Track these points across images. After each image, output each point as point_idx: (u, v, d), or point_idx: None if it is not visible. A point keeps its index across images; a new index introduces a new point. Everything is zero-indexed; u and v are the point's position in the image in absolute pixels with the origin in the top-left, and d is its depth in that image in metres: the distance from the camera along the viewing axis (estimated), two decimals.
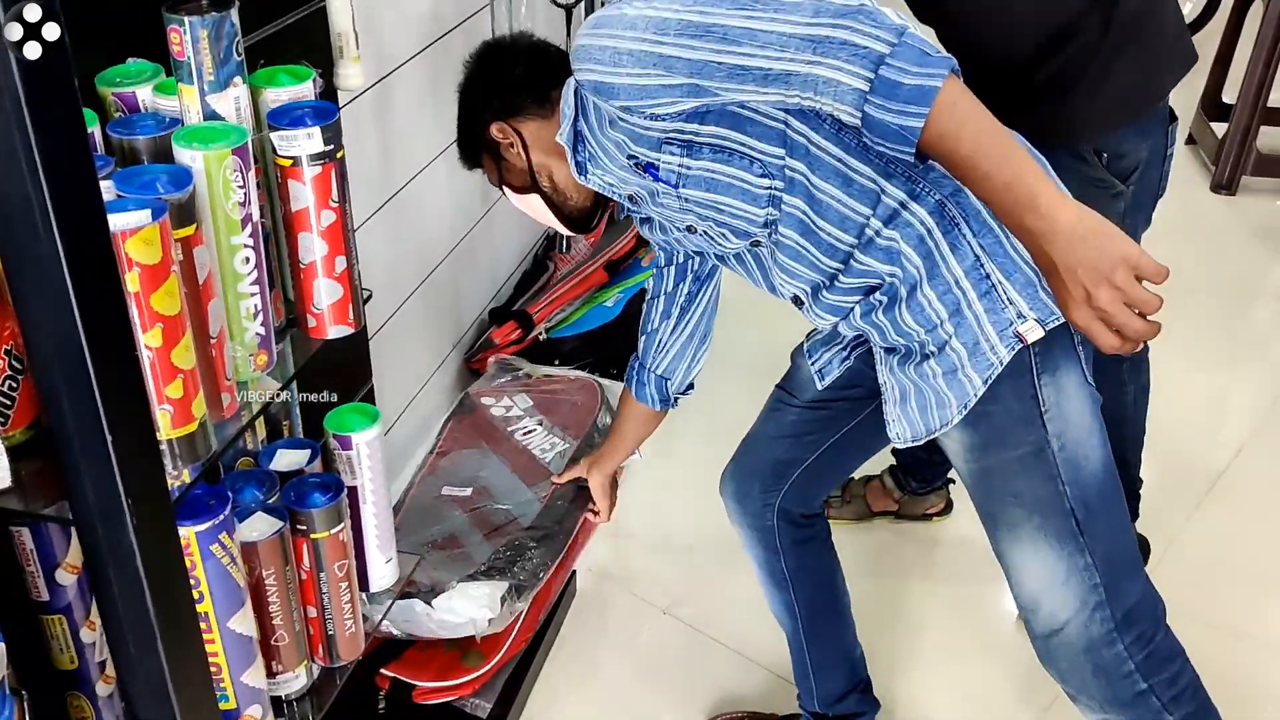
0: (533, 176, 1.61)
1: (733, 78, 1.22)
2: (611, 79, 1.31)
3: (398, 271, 2.36)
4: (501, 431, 2.20)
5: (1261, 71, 3.89)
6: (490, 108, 1.60)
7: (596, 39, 1.31)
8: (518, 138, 1.59)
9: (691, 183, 1.40)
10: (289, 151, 1.18)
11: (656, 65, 1.26)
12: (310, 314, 1.28)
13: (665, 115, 1.33)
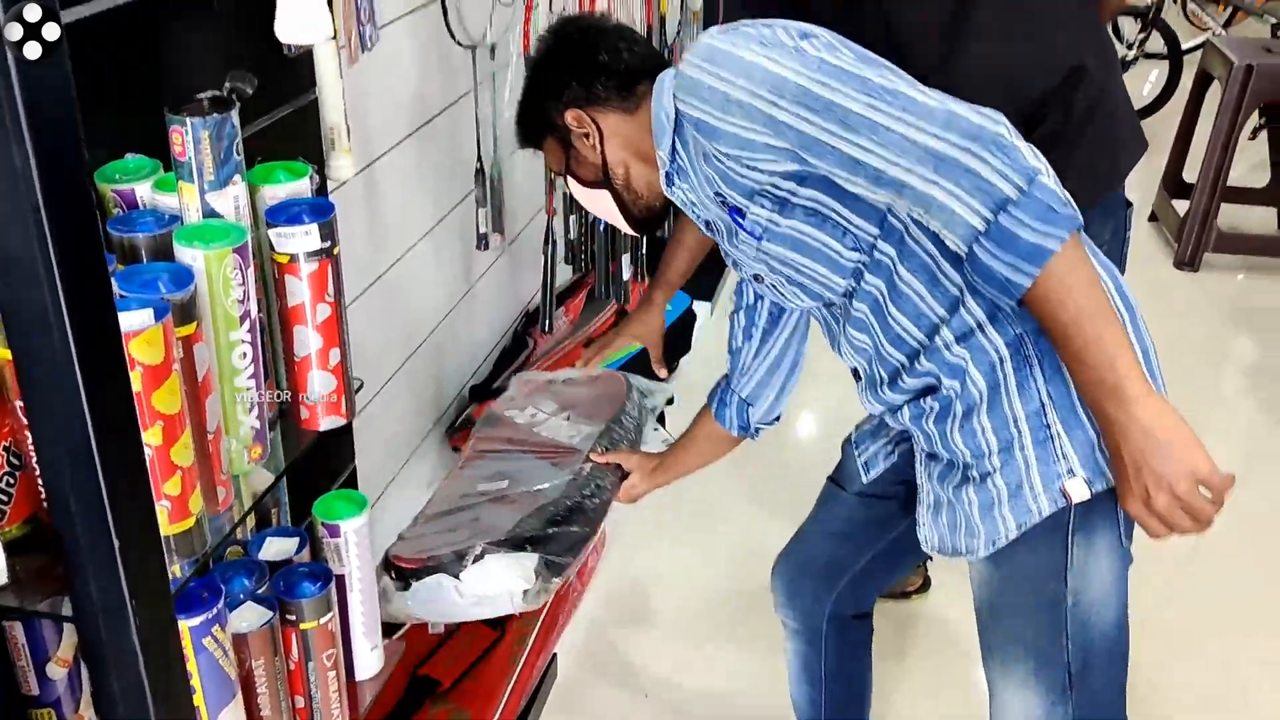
0: (606, 172, 1.52)
1: (844, 166, 1.19)
2: (716, 123, 1.26)
3: (381, 351, 2.37)
4: (526, 431, 2.07)
5: (1220, 152, 4.00)
6: (567, 92, 1.50)
7: (707, 76, 1.25)
8: (595, 129, 1.50)
9: (776, 239, 1.35)
10: (286, 248, 1.21)
11: (766, 125, 1.22)
12: (304, 406, 1.30)
13: (764, 170, 1.28)
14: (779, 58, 1.20)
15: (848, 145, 1.16)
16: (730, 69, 1.22)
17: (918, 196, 1.14)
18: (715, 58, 1.24)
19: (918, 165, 1.12)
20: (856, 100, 1.15)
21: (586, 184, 1.55)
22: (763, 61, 1.20)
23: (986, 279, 1.13)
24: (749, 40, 1.23)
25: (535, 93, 1.55)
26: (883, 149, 1.14)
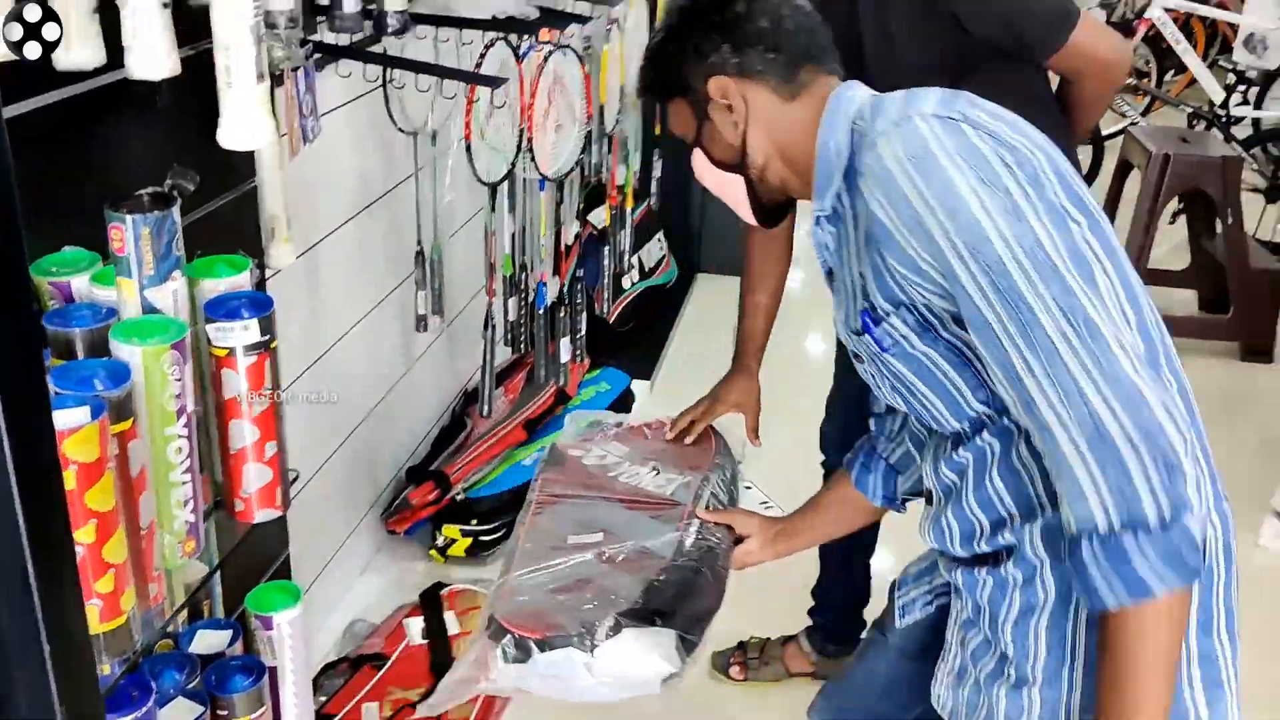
0: (744, 158, 1.33)
1: (1001, 367, 1.07)
2: (894, 234, 1.12)
3: (316, 435, 2.36)
4: (603, 478, 1.84)
5: (1142, 235, 4.13)
6: (716, 55, 1.30)
7: (906, 183, 1.10)
8: (742, 107, 1.30)
9: (903, 358, 1.22)
10: (224, 343, 1.21)
11: (944, 271, 1.09)
12: (238, 498, 1.29)
13: (923, 293, 1.15)
14: (992, 209, 1.05)
15: (1016, 356, 1.05)
16: (935, 190, 1.08)
17: (1056, 453, 1.03)
18: (924, 166, 1.09)
19: (1075, 425, 1.01)
20: (1050, 316, 1.02)
21: (719, 164, 1.35)
22: (973, 204, 1.06)
23: (1075, 570, 1.04)
24: (970, 163, 1.08)
25: (675, 46, 1.34)
26: (1050, 385, 1.03)
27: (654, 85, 1.40)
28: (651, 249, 4.09)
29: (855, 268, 1.25)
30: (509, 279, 2.51)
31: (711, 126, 1.34)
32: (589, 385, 3.13)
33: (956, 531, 1.27)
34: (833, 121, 1.26)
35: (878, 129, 1.16)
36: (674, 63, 1.34)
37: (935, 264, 1.10)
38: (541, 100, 2.16)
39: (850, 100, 1.27)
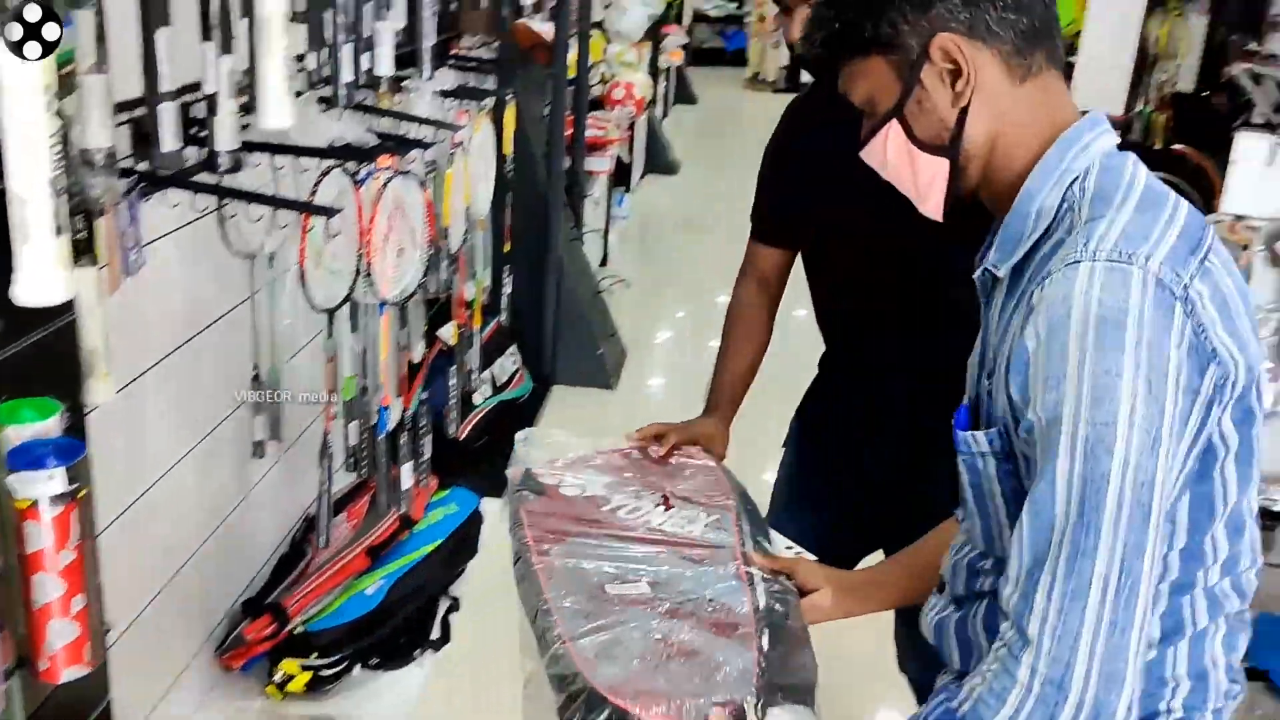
0: (955, 138, 1.12)
1: (1030, 550, 1.00)
2: (1030, 376, 1.01)
3: (143, 571, 2.25)
4: (601, 513, 1.62)
5: None
6: (943, 7, 1.08)
7: (1075, 336, 0.97)
8: (971, 74, 1.09)
9: (969, 469, 1.15)
10: (27, 494, 1.15)
11: (1045, 446, 1.00)
12: (42, 657, 1.22)
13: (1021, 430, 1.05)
14: (1137, 423, 0.96)
15: (1052, 556, 0.99)
16: (1098, 367, 0.96)
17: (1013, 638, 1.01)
18: (1103, 338, 0.96)
19: (1048, 652, 0.97)
20: (1104, 559, 0.96)
21: (921, 144, 1.13)
22: (1122, 410, 0.96)
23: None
24: (1153, 361, 0.96)
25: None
26: (1057, 604, 0.98)
27: (838, 37, 1.14)
28: (504, 364, 4.07)
29: (993, 343, 1.13)
30: (350, 403, 2.47)
31: (923, 95, 1.11)
32: (436, 507, 3.07)
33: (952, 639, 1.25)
34: (1052, 170, 1.09)
35: (1083, 243, 1.01)
36: (876, 10, 1.10)
37: (1046, 429, 0.99)
38: (381, 225, 2.15)
39: (1085, 151, 1.09)
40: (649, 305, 5.67)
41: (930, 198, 1.16)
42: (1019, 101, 1.10)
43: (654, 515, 1.60)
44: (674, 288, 6.14)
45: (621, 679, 1.25)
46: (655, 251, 7.01)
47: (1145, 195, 1.05)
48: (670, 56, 9.74)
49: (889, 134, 1.14)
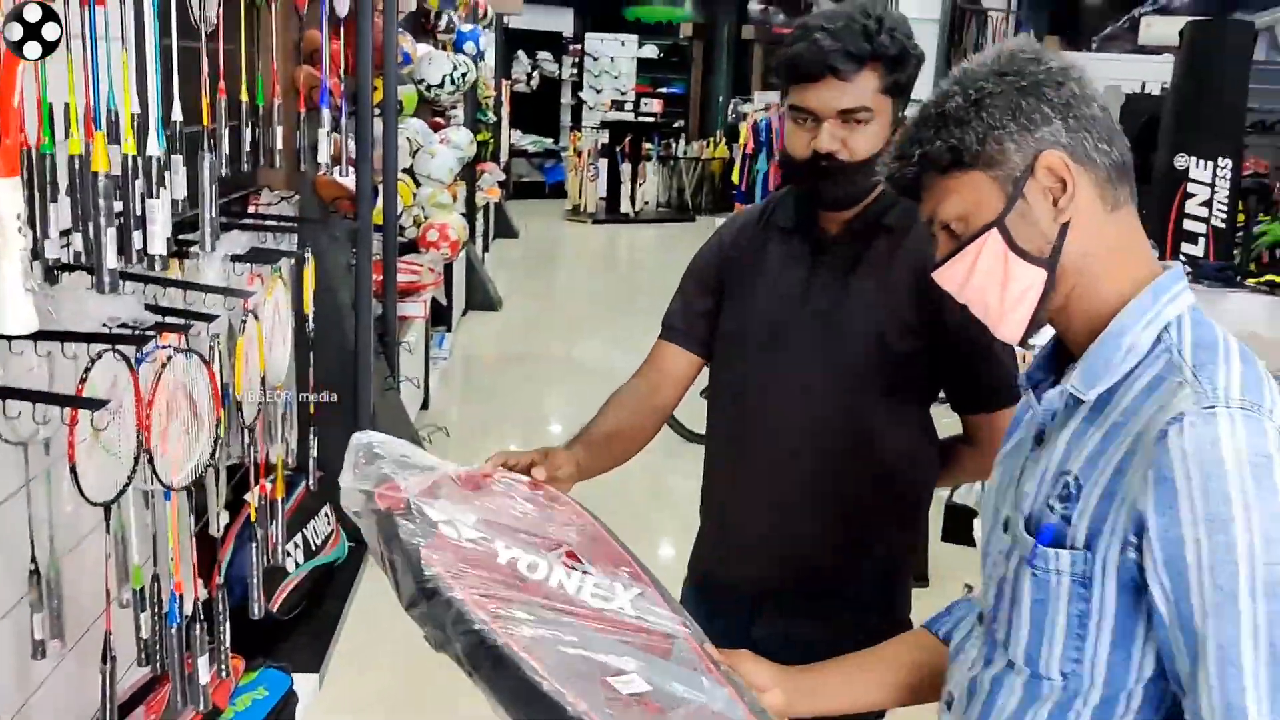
0: (1056, 250, 1.17)
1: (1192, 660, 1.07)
2: (1146, 522, 1.08)
3: None
4: (510, 572, 1.38)
5: None
6: (1049, 131, 1.16)
7: (1183, 485, 1.05)
8: (1074, 191, 1.16)
9: (1037, 584, 1.17)
10: None
11: (1167, 561, 1.07)
12: None
13: (1134, 549, 1.10)
14: (1256, 545, 1.04)
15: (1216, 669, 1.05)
16: (1211, 507, 1.04)
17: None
18: (1211, 483, 1.04)
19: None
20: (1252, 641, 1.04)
21: (1020, 252, 1.18)
22: (1239, 533, 1.04)
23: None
24: (1259, 490, 1.04)
25: (989, 112, 1.17)
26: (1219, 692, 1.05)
27: (942, 156, 1.19)
28: (317, 527, 3.90)
29: (1074, 467, 1.16)
30: (139, 593, 2.30)
31: (1025, 208, 1.17)
32: (244, 692, 2.87)
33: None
34: (1145, 310, 1.16)
35: (1187, 403, 1.08)
36: (985, 128, 1.17)
37: (1215, 570, 1.04)
38: (162, 408, 2.03)
39: (1173, 300, 1.17)
40: (475, 446, 5.58)
41: (1017, 312, 1.21)
42: (1108, 228, 1.18)
43: (565, 579, 1.40)
44: (501, 425, 6.07)
45: None
46: (480, 390, 6.95)
47: (1241, 350, 1.14)
48: (487, 193, 9.83)
49: (985, 244, 1.19)
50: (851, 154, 1.79)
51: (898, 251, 1.87)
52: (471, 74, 6.40)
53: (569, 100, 17.12)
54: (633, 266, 12.93)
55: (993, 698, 1.24)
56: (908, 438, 1.95)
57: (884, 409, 1.90)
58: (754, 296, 1.94)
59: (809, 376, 1.89)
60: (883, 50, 1.74)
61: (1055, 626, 1.17)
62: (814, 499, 1.91)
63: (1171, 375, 1.11)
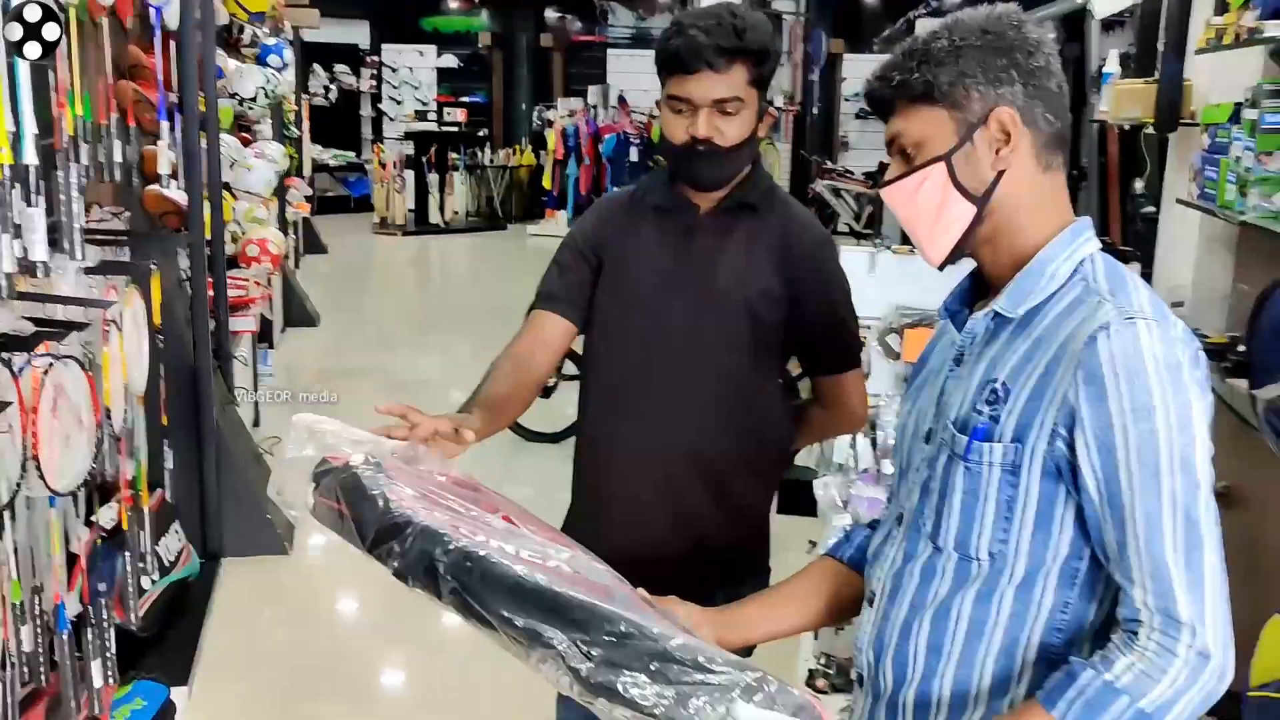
0: (987, 193, 1.34)
1: (1120, 528, 1.24)
2: (1078, 419, 1.25)
3: None
4: (465, 519, 1.43)
5: None
6: (1010, 90, 1.32)
7: (1111, 385, 1.23)
8: (1016, 148, 1.33)
9: (969, 476, 1.33)
10: None
11: (1101, 447, 1.24)
12: None
13: (1065, 440, 1.27)
14: (1173, 422, 1.22)
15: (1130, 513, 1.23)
16: (1135, 402, 1.22)
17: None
18: (1134, 378, 1.23)
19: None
20: (1209, 544, 1.21)
21: (959, 188, 1.34)
22: (1158, 417, 1.22)
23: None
24: (1171, 377, 1.23)
25: (966, 60, 1.33)
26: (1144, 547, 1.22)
27: (917, 86, 1.34)
28: (168, 543, 3.87)
29: (1000, 375, 1.33)
30: (19, 607, 2.29)
31: (972, 151, 1.33)
32: (122, 704, 2.86)
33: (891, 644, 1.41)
34: (1066, 245, 1.34)
35: (1110, 316, 1.26)
36: (959, 74, 1.32)
37: (1140, 451, 1.22)
38: (45, 414, 2.05)
39: (1086, 241, 1.36)
40: None
41: (945, 237, 1.37)
42: (1038, 185, 1.35)
43: (507, 538, 1.42)
44: None
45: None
46: (307, 406, 6.88)
47: (1141, 281, 1.35)
48: (297, 208, 9.69)
49: (930, 174, 1.35)
50: (724, 139, 1.98)
51: (763, 228, 2.08)
52: (281, 86, 6.38)
53: (369, 113, 16.91)
54: (447, 276, 12.93)
55: (924, 586, 1.39)
56: (771, 395, 2.15)
57: (751, 370, 2.10)
58: (630, 270, 2.11)
59: (687, 342, 2.07)
60: (750, 46, 1.94)
61: (985, 513, 1.33)
62: (694, 457, 2.08)
63: (1089, 297, 1.30)
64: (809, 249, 2.11)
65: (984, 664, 1.36)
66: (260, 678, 3.68)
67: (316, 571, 4.64)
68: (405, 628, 4.00)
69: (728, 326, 2.07)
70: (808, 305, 2.08)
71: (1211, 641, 1.21)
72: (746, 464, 2.13)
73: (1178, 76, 2.84)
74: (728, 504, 2.11)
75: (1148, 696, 1.21)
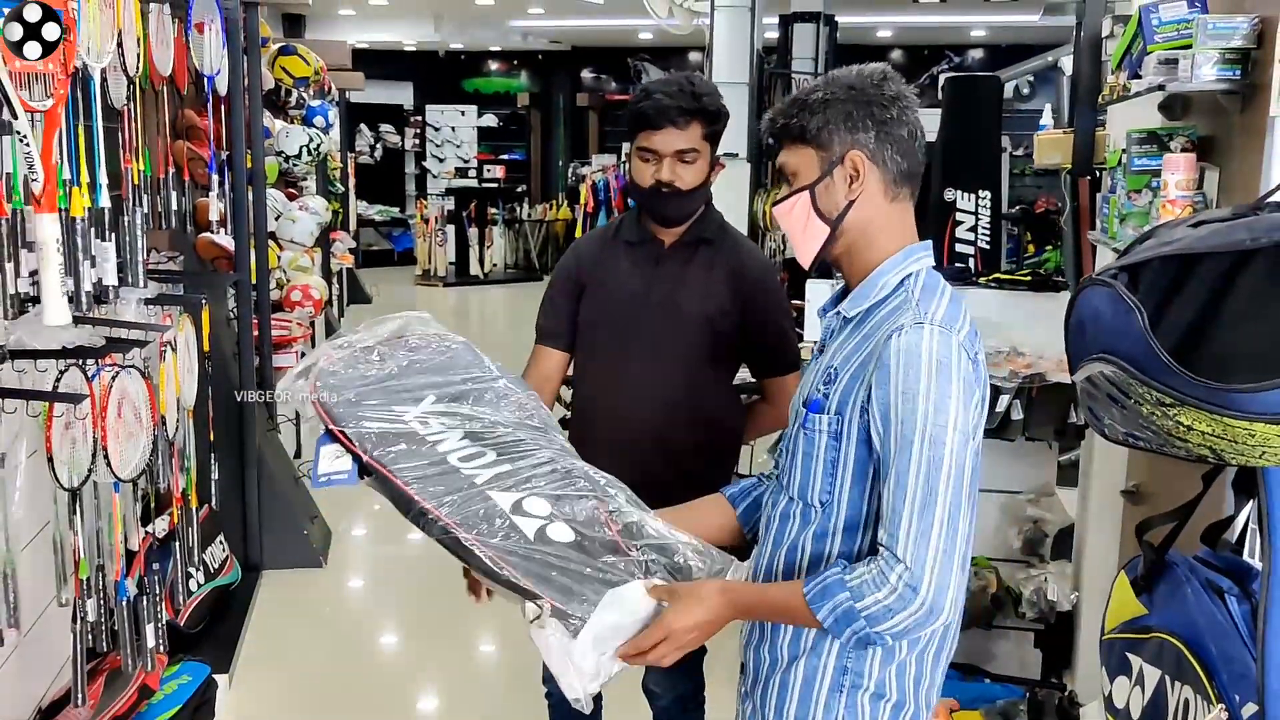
0: (840, 220, 1.67)
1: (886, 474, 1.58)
2: (875, 392, 1.58)
3: None
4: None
5: None
6: (864, 135, 1.65)
7: (894, 370, 1.56)
8: (863, 183, 1.65)
9: (807, 439, 1.69)
10: None
11: (883, 420, 1.58)
12: None
13: (862, 414, 1.61)
14: (931, 407, 1.54)
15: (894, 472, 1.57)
16: (907, 385, 1.55)
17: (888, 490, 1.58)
18: (910, 368, 1.55)
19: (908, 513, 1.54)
20: (940, 504, 1.54)
21: (817, 212, 1.68)
22: (920, 404, 1.54)
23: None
24: (940, 374, 1.55)
25: (832, 111, 1.65)
26: (901, 496, 1.55)
27: (794, 129, 1.68)
28: (214, 551, 4.30)
29: (836, 362, 1.68)
30: (86, 581, 2.70)
31: (830, 183, 1.66)
32: (170, 680, 3.27)
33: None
34: (899, 264, 1.67)
35: (907, 320, 1.60)
36: (825, 122, 1.65)
37: (903, 426, 1.56)
38: (112, 412, 2.49)
39: (916, 261, 1.68)
40: (351, 493, 5.95)
41: (806, 247, 1.72)
42: (885, 213, 1.68)
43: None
44: None
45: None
46: None
47: (952, 296, 1.68)
48: (340, 259, 10.23)
49: (800, 199, 1.70)
50: (683, 183, 2.43)
51: (717, 257, 2.54)
52: (324, 144, 6.89)
53: (413, 170, 17.59)
54: (485, 325, 13.41)
55: (782, 525, 1.76)
56: (725, 396, 2.59)
57: (710, 375, 2.54)
58: (608, 292, 2.56)
59: (655, 352, 2.52)
60: (706, 108, 2.40)
61: (817, 469, 1.69)
62: (661, 448, 2.51)
63: (905, 305, 1.64)
64: (756, 274, 2.54)
65: None
66: (295, 673, 4.05)
67: (350, 584, 5.03)
68: (435, 640, 4.36)
69: (689, 338, 2.51)
70: (755, 320, 2.52)
71: (923, 582, 1.52)
72: (705, 448, 2.54)
73: (1090, 126, 3.24)
74: (688, 482, 2.51)
75: (863, 601, 1.55)
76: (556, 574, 1.58)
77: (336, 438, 1.74)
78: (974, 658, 3.59)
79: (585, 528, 1.66)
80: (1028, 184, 7.48)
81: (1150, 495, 2.93)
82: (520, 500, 1.66)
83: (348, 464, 1.72)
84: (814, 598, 1.58)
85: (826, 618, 1.57)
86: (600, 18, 14.22)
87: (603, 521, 1.68)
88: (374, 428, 1.73)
